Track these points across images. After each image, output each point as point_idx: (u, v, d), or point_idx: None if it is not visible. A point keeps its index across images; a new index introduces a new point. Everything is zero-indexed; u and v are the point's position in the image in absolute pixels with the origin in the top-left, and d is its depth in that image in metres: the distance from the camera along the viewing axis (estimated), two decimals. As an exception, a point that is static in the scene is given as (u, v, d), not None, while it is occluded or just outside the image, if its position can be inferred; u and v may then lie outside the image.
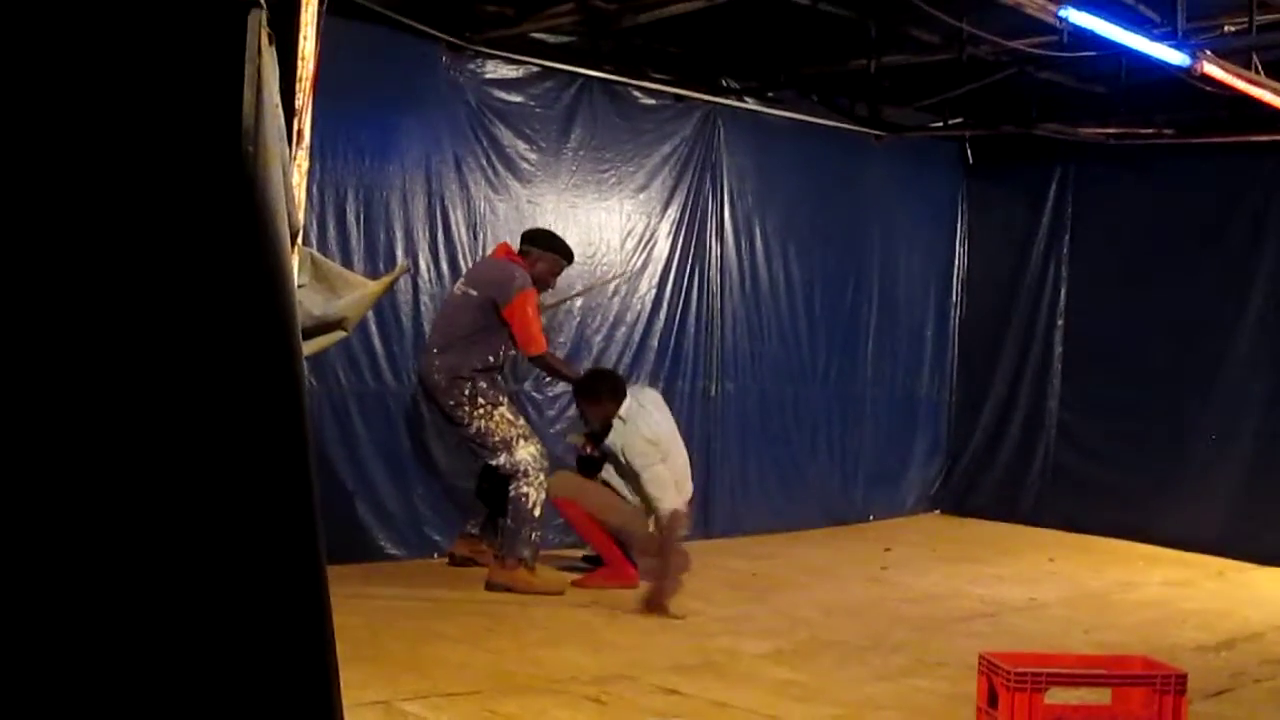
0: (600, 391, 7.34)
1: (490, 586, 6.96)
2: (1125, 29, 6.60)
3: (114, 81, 1.71)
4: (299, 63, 3.20)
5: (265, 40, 1.96)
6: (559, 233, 7.81)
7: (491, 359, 7.17)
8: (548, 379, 8.08)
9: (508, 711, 4.84)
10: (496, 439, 7.05)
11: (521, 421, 7.24)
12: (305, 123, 3.27)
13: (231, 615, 1.70)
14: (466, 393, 7.06)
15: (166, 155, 1.75)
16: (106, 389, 1.65)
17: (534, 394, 8.29)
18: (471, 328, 7.16)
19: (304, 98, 3.22)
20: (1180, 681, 4.38)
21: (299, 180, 3.26)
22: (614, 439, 7.23)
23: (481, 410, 7.06)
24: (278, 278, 1.94)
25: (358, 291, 3.58)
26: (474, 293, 7.25)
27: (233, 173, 1.82)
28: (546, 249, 7.46)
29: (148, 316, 1.68)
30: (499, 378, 7.33)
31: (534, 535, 7.07)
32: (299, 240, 3.11)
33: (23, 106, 1.64)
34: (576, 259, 7.89)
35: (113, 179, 1.70)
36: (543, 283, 7.47)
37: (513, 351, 7.33)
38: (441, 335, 7.29)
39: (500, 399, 7.16)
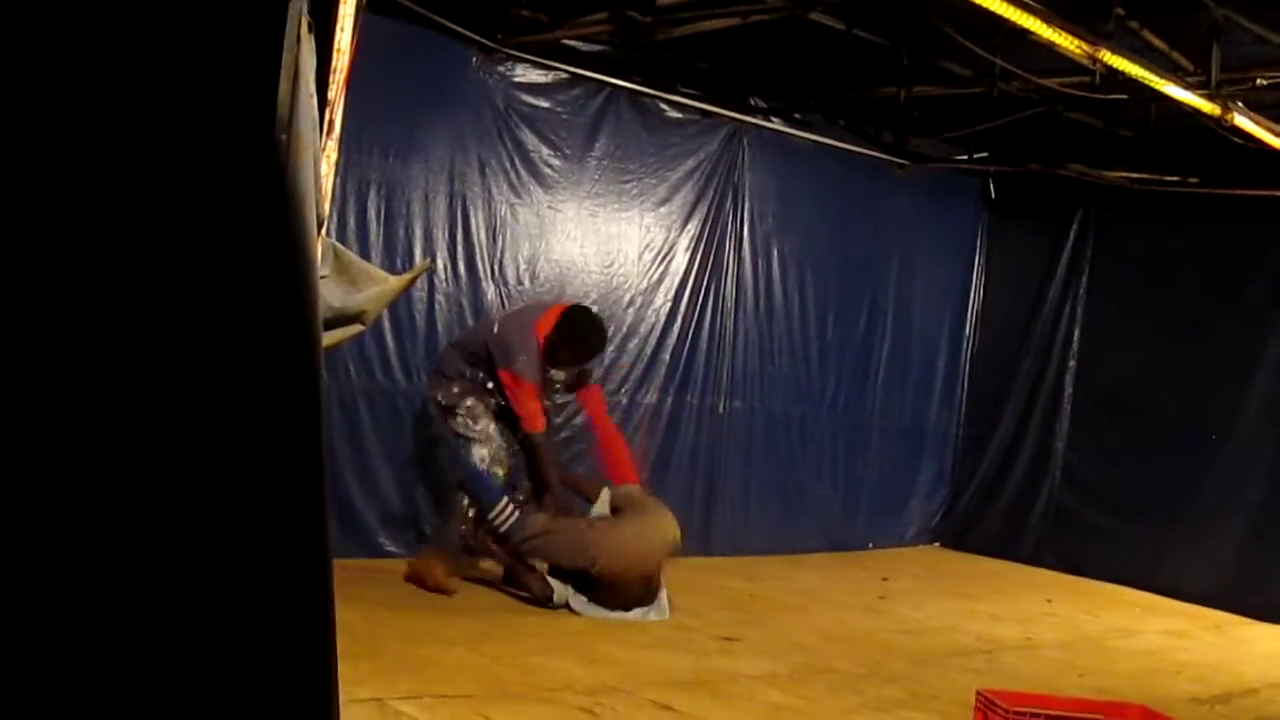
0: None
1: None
2: (1158, 74, 6.60)
3: (153, 67, 1.71)
4: (335, 54, 3.19)
5: (305, 30, 1.96)
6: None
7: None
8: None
9: (499, 718, 4.82)
10: None
11: None
12: (337, 114, 3.27)
13: (238, 607, 1.69)
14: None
15: (200, 140, 1.75)
16: (127, 369, 1.64)
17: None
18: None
19: (337, 89, 3.21)
20: (1176, 732, 4.38)
21: (328, 171, 3.25)
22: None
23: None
24: (303, 266, 1.93)
25: (378, 286, 3.56)
26: (495, 331, 7.12)
27: (265, 160, 1.82)
28: (566, 338, 7.08)
29: (175, 298, 1.67)
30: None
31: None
32: (323, 231, 3.11)
33: (64, 87, 1.64)
34: (594, 270, 7.84)
35: (146, 163, 1.70)
36: (558, 365, 7.23)
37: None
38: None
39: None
